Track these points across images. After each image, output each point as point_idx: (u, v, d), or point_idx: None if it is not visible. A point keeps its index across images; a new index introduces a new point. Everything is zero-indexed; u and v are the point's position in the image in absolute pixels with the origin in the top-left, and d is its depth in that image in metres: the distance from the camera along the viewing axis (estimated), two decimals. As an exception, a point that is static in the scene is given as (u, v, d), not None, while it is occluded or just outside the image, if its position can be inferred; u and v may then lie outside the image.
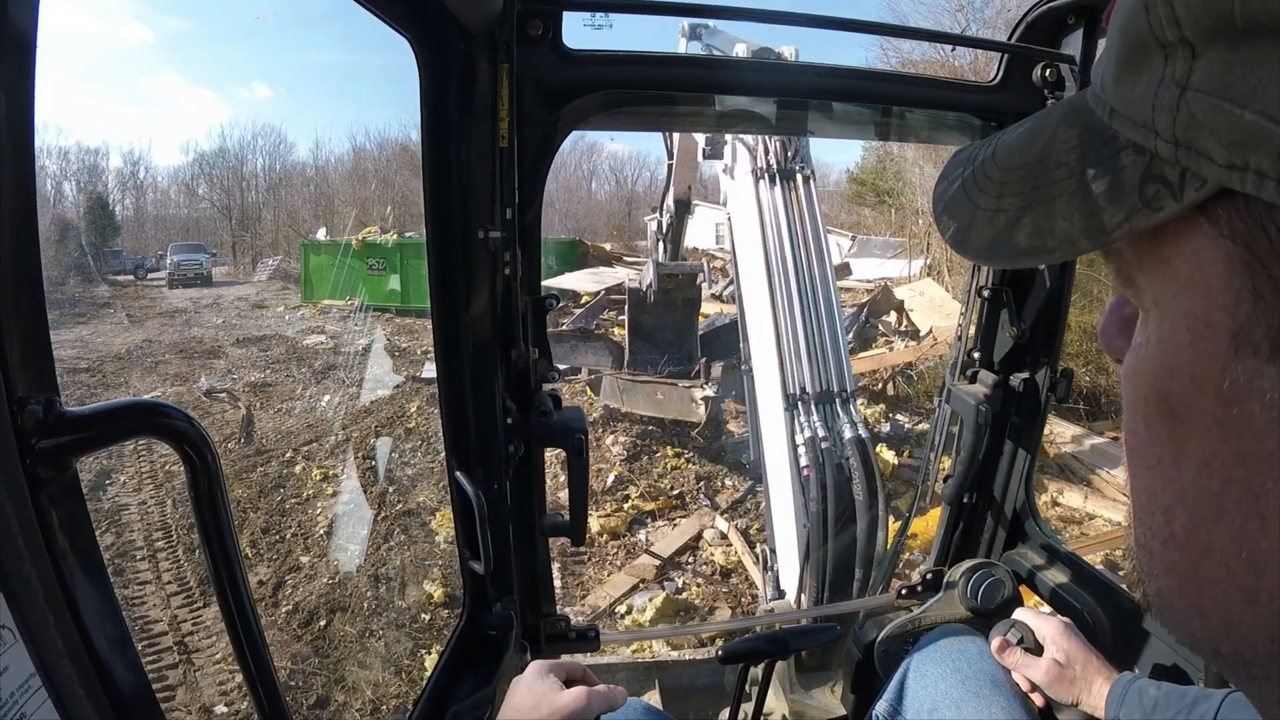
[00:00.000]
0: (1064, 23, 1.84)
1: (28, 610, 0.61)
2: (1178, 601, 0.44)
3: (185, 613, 6.91)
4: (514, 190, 1.57)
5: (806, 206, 5.09)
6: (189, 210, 50.16)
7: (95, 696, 0.66)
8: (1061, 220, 0.43)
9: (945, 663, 1.72)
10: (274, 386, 13.77)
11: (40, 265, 0.63)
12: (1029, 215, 0.45)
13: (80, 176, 49.13)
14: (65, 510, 0.65)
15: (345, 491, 9.03)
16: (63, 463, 0.64)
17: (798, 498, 4.09)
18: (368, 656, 6.29)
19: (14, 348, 0.60)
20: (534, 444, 1.80)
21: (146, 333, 18.94)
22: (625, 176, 66.13)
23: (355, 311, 20.82)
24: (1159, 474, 0.43)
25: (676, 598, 6.92)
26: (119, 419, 0.69)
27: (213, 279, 31.55)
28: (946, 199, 0.53)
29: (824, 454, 3.98)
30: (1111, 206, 0.40)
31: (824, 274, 4.79)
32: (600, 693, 1.32)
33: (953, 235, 0.52)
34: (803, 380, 4.35)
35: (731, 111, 1.96)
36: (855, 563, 3.79)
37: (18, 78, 0.59)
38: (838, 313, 4.73)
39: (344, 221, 33.97)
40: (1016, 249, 0.46)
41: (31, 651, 0.61)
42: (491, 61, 1.46)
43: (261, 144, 51.58)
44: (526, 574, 1.97)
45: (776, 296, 4.66)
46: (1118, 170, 0.40)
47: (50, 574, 0.63)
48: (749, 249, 5.12)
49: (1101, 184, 0.41)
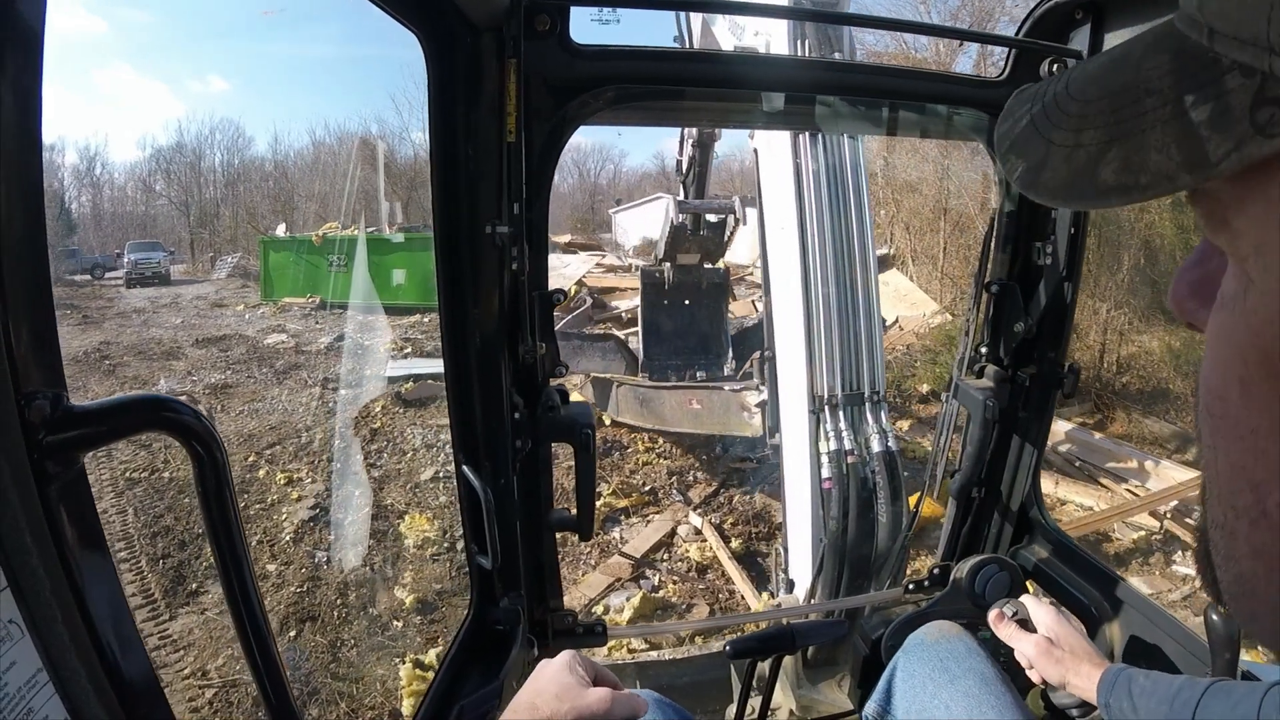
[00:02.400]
0: (1071, 18, 1.83)
1: (35, 605, 0.61)
2: (1263, 589, 0.40)
3: (191, 607, 6.91)
4: (521, 185, 1.57)
5: (852, 167, 4.10)
6: (146, 207, 49.12)
7: (102, 692, 0.66)
8: (1155, 153, 0.39)
9: (934, 663, 1.72)
10: (235, 388, 13.54)
11: (48, 262, 0.63)
12: (1116, 149, 0.41)
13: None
14: (72, 505, 0.65)
15: (311, 496, 8.92)
16: (70, 457, 0.64)
17: (816, 510, 3.87)
18: (363, 655, 6.28)
19: (22, 343, 0.60)
20: (541, 439, 1.80)
21: (104, 334, 18.48)
22: (588, 169, 65.88)
23: (316, 309, 20.57)
24: (1251, 445, 0.39)
25: (654, 596, 6.88)
26: (126, 414, 0.69)
27: (171, 277, 30.90)
28: (1013, 136, 0.49)
29: (849, 469, 3.62)
30: (1217, 135, 0.36)
31: (865, 250, 4.01)
32: (624, 698, 1.29)
33: (1022, 175, 0.48)
34: (832, 381, 3.83)
35: (740, 106, 1.97)
36: (869, 572, 3.59)
37: (25, 75, 0.59)
38: (875, 299, 4.02)
39: (304, 217, 33.57)
40: (1101, 187, 0.42)
41: (39, 647, 0.62)
42: (499, 57, 1.47)
43: (219, 138, 50.65)
44: (533, 569, 1.97)
45: (810, 275, 3.95)
46: (1222, 95, 0.36)
47: (57, 569, 0.63)
48: (779, 210, 4.35)
49: (1203, 111, 0.37)
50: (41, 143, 0.62)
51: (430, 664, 5.70)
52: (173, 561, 7.52)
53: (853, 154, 4.12)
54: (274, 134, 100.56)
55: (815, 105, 1.97)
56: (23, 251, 0.60)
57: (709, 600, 6.91)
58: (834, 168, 4.04)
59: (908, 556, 3.71)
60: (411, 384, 11.71)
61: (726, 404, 7.65)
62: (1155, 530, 7.70)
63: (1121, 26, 1.75)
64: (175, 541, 7.84)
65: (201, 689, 5.90)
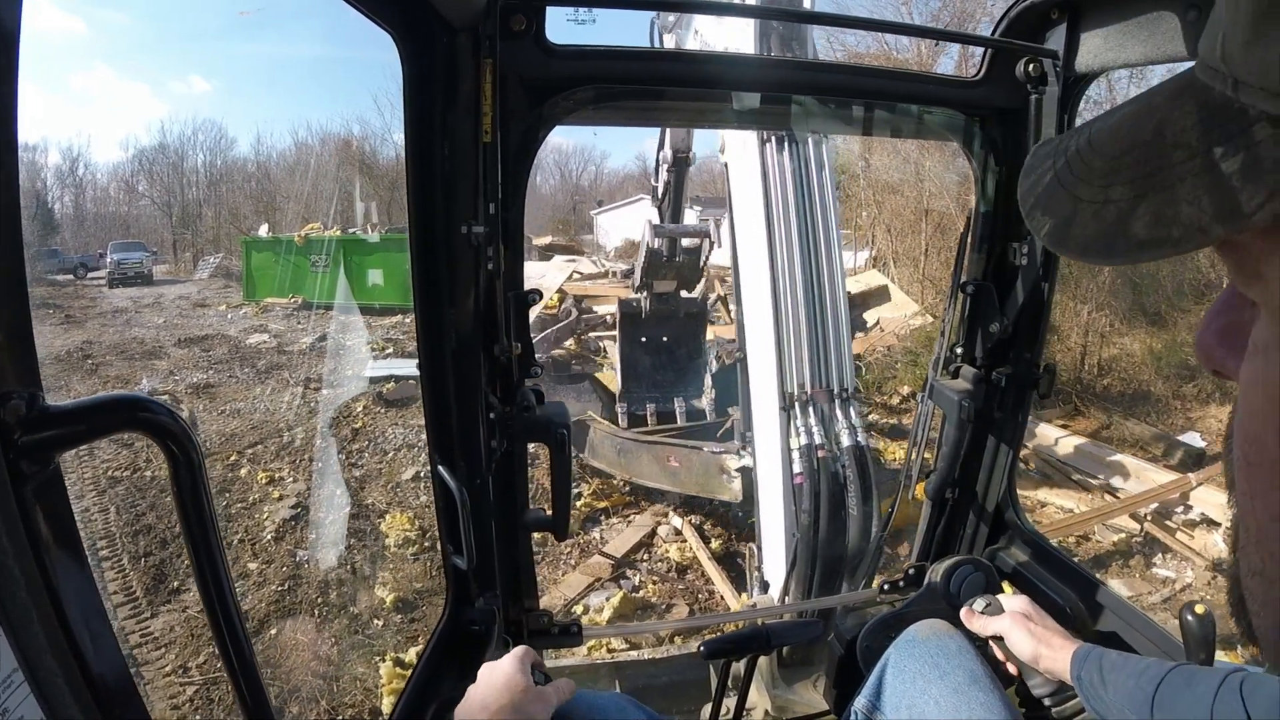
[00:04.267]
0: (1047, 17, 1.84)
1: (10, 605, 0.61)
2: None
3: (168, 607, 6.86)
4: (497, 185, 1.58)
5: (816, 171, 4.30)
6: (129, 207, 48.68)
7: (78, 691, 0.66)
8: (1187, 206, 0.39)
9: (924, 659, 1.73)
10: (217, 387, 13.47)
11: (24, 262, 0.63)
12: (1146, 203, 0.41)
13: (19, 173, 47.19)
14: (48, 505, 0.65)
15: (292, 495, 8.88)
16: (45, 457, 0.64)
17: (789, 507, 3.91)
18: (344, 653, 6.27)
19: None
20: (516, 439, 1.81)
21: (87, 334, 18.35)
22: (570, 170, 65.86)
23: (298, 309, 20.48)
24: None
25: (634, 596, 6.90)
26: (102, 414, 0.69)
27: (153, 277, 30.71)
28: (1037, 194, 0.49)
29: (820, 463, 3.71)
30: (1249, 186, 0.37)
31: (831, 252, 4.20)
32: (549, 690, 1.35)
33: (1050, 232, 0.48)
34: (802, 377, 3.95)
35: (715, 106, 1.97)
36: (842, 571, 3.64)
37: (1, 78, 0.59)
38: (843, 298, 4.19)
39: (286, 218, 33.35)
40: (1134, 241, 0.42)
41: (14, 647, 0.62)
42: (475, 57, 1.47)
43: (202, 139, 50.24)
44: (509, 569, 1.97)
45: (778, 278, 4.09)
46: (1252, 146, 0.37)
47: (33, 569, 0.63)
48: (749, 220, 4.49)
49: (1233, 162, 0.37)
50: (17, 141, 0.62)
51: (410, 662, 5.70)
52: (154, 560, 7.49)
53: (817, 160, 4.25)
54: (257, 135, 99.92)
55: (791, 105, 1.98)
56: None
57: (688, 600, 6.93)
58: (800, 176, 4.18)
59: (882, 557, 3.74)
60: (393, 384, 11.70)
61: (706, 466, 7.44)
62: (1136, 533, 7.76)
63: (1097, 26, 1.75)
64: (157, 540, 7.82)
65: (183, 686, 5.89)
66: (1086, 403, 11.26)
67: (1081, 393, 11.48)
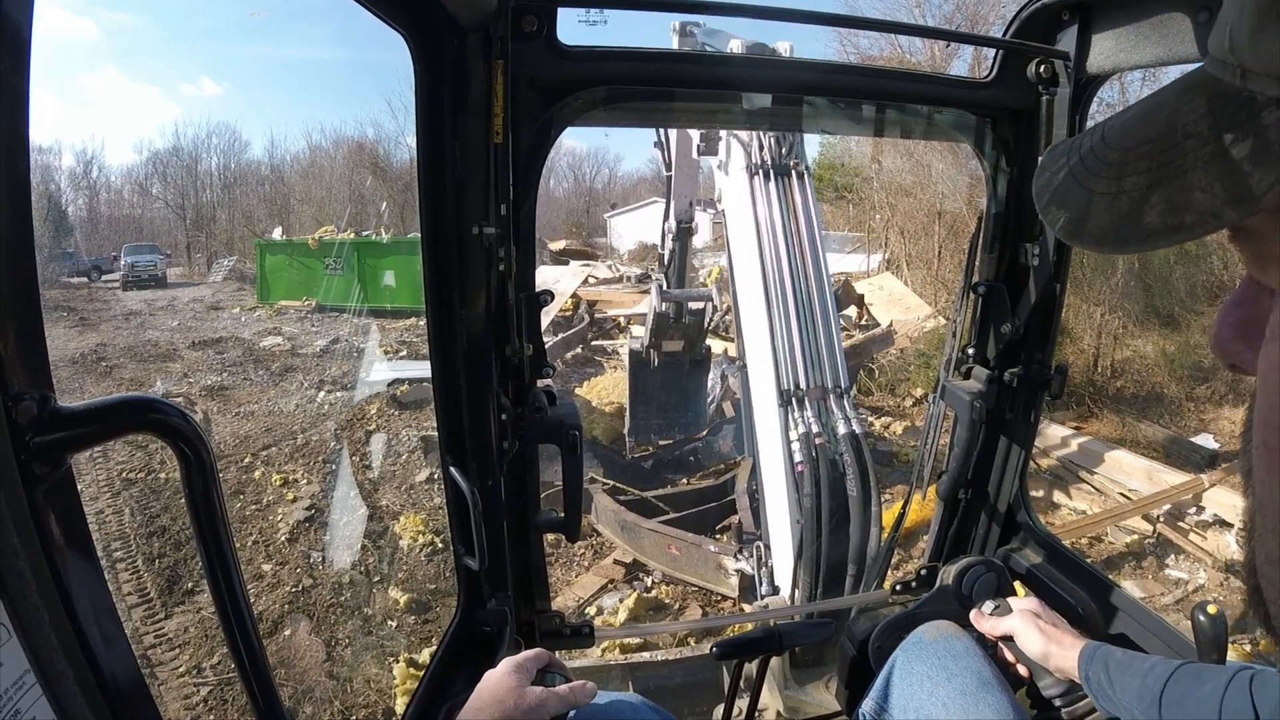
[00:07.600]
0: (1058, 19, 1.83)
1: (22, 607, 0.61)
2: None
3: (182, 608, 6.89)
4: (509, 186, 1.57)
5: (801, 202, 5.06)
6: (143, 210, 48.83)
7: (89, 693, 0.67)
8: (1199, 192, 0.40)
9: (932, 661, 1.72)
10: (231, 390, 13.53)
11: (36, 263, 0.64)
12: (1159, 192, 0.42)
13: (32, 175, 47.47)
14: (60, 506, 0.65)
15: (306, 497, 8.91)
16: (58, 459, 0.65)
17: (791, 494, 4.05)
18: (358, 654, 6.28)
19: (9, 344, 0.61)
20: (528, 440, 1.80)
21: (101, 336, 18.45)
22: (584, 173, 65.75)
23: (312, 312, 20.56)
24: None
25: (646, 596, 6.91)
26: (114, 415, 0.69)
27: (167, 280, 30.76)
28: (1052, 189, 0.50)
29: (818, 450, 3.94)
30: (1259, 170, 0.38)
31: (819, 270, 4.78)
32: (561, 694, 1.33)
33: (1065, 225, 0.49)
34: (797, 377, 4.31)
35: (726, 107, 1.97)
36: (849, 558, 3.75)
37: (12, 76, 0.59)
38: (833, 309, 4.73)
39: (300, 220, 33.50)
40: (1147, 230, 0.43)
41: (26, 648, 0.62)
42: (486, 58, 1.47)
43: (216, 142, 50.35)
44: (521, 570, 1.97)
45: (771, 293, 4.63)
46: (1261, 131, 0.38)
47: (45, 570, 0.63)
48: (744, 245, 5.09)
49: (1243, 148, 0.38)
50: (29, 144, 0.62)
51: (424, 663, 5.71)
52: (168, 561, 7.52)
53: (801, 190, 5.09)
54: (270, 138, 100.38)
55: (802, 105, 1.98)
56: (10, 253, 0.60)
57: (701, 602, 6.92)
58: (785, 204, 5.00)
59: (893, 557, 3.79)
60: (406, 386, 11.69)
61: (705, 560, 7.36)
62: (1148, 534, 7.71)
63: (1108, 28, 1.74)
64: (171, 541, 7.85)
65: (196, 687, 5.91)
66: (1099, 405, 11.20)
67: (1095, 395, 11.41)
